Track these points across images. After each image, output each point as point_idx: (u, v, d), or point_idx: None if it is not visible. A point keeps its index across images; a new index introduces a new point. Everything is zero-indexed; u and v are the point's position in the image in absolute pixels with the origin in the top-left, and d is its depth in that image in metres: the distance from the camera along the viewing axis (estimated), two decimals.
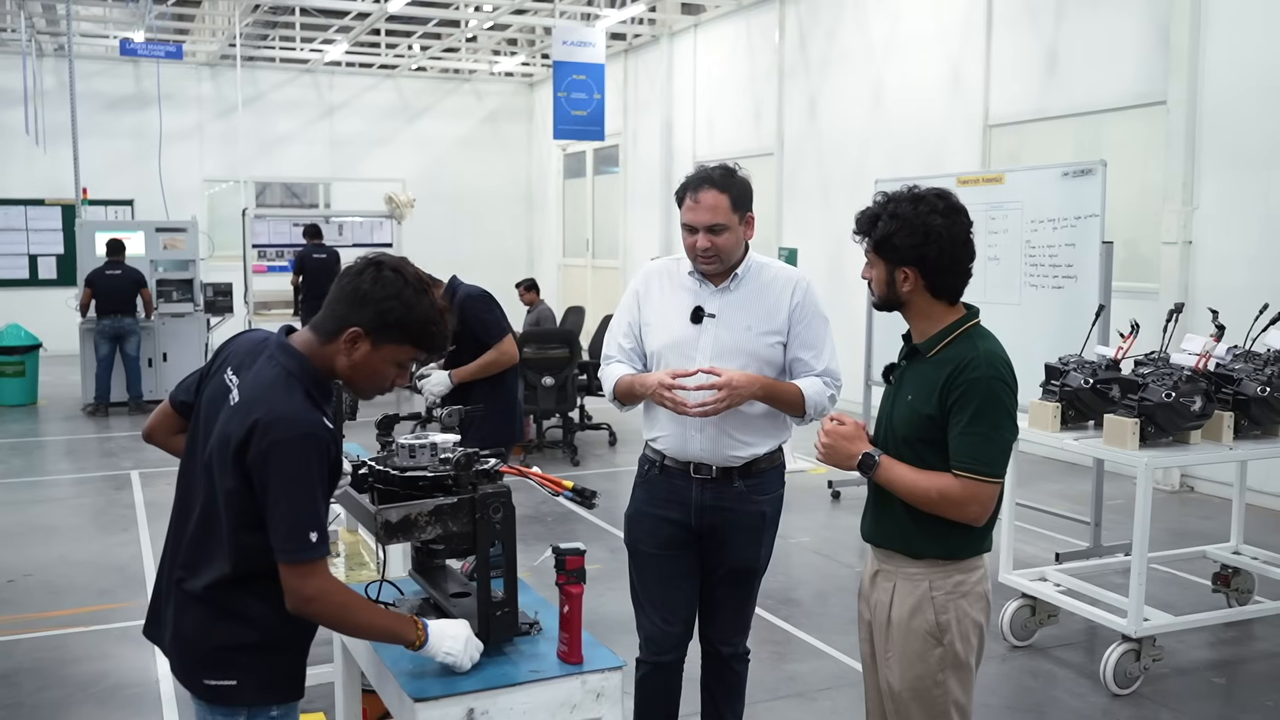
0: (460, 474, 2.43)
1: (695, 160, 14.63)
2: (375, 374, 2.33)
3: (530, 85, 19.36)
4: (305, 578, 2.20)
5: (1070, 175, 6.12)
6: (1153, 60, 8.21)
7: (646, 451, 3.37)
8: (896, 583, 2.65)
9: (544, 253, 19.27)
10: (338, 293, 2.31)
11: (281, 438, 2.17)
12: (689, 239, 3.18)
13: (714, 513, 3.24)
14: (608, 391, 3.32)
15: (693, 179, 3.19)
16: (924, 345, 2.64)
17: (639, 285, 3.35)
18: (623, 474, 8.78)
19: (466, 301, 5.05)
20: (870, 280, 2.68)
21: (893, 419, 2.68)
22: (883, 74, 11.05)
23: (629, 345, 3.33)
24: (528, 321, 10.71)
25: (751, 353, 3.18)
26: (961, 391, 2.50)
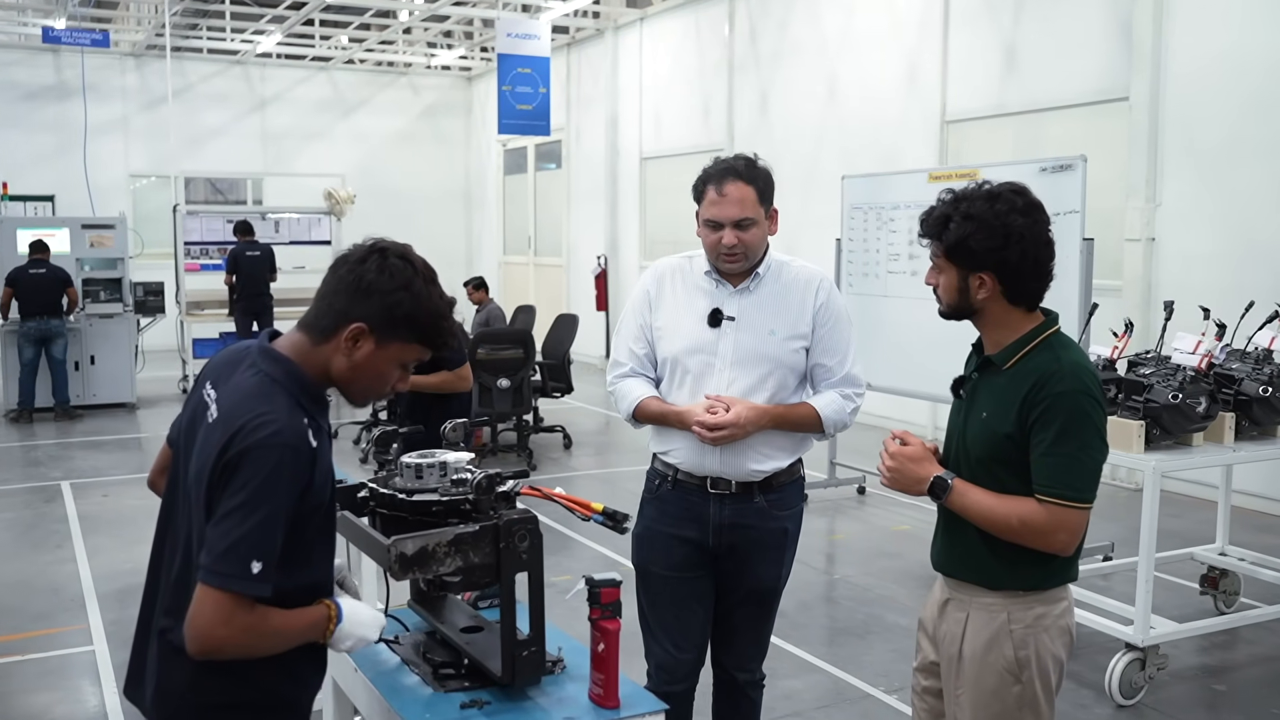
0: (480, 498, 2.16)
1: (641, 156, 14.42)
2: (378, 376, 2.06)
3: (469, 79, 18.98)
4: (227, 616, 1.83)
5: (1049, 171, 5.99)
6: (1115, 56, 8.16)
7: (656, 465, 3.13)
8: (970, 614, 2.43)
9: (484, 250, 18.90)
10: (335, 284, 2.03)
11: (255, 443, 1.88)
12: (711, 236, 2.95)
13: (733, 531, 3.01)
14: (624, 410, 3.07)
15: (714, 170, 2.96)
16: (999, 356, 2.40)
17: (649, 286, 3.12)
18: (579, 479, 8.54)
19: None
20: (936, 287, 2.44)
21: (966, 438, 2.45)
22: (836, 69, 10.91)
23: (641, 351, 3.09)
24: (477, 321, 10.40)
25: (775, 358, 2.96)
26: (1045, 407, 2.28)
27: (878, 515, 7.25)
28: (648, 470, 3.19)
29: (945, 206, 2.39)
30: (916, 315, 6.58)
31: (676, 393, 3.01)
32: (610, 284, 14.88)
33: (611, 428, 11.04)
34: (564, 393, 9.65)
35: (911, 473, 2.43)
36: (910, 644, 5.02)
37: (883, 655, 4.85)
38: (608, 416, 11.63)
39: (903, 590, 5.67)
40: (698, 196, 2.97)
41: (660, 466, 3.11)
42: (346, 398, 2.13)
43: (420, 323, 2.04)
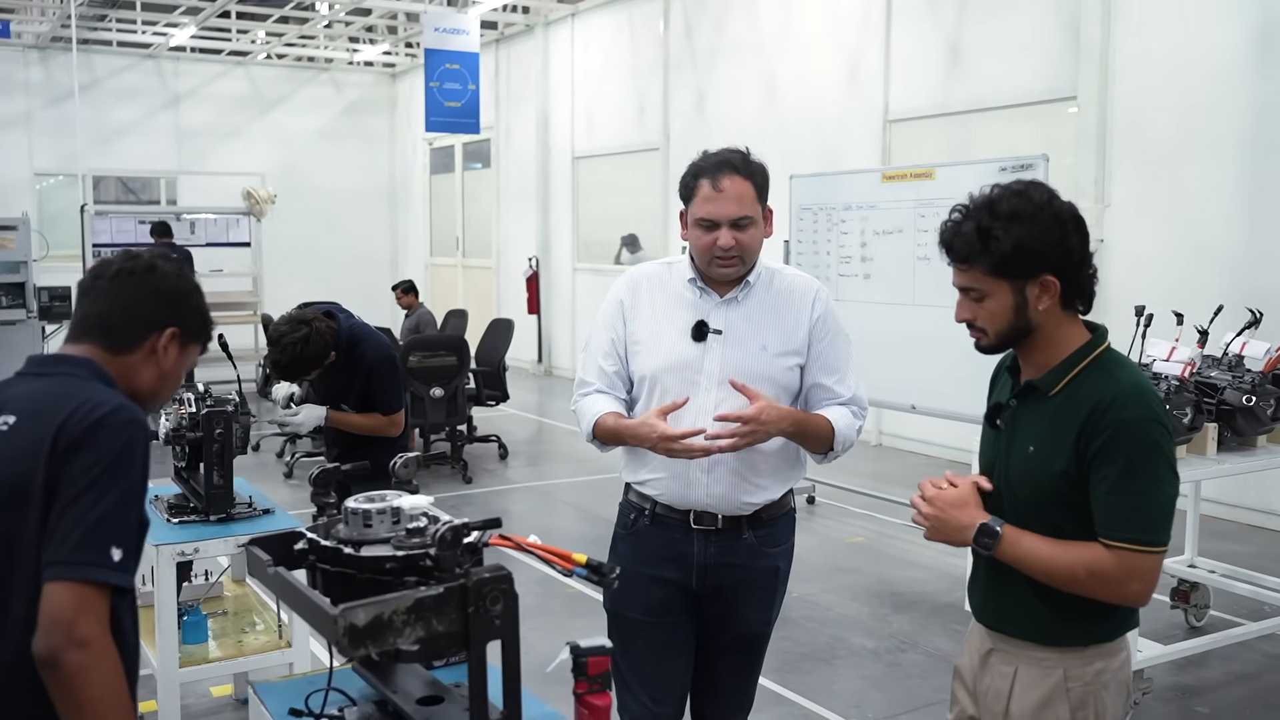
0: (443, 553, 1.81)
1: (574, 155, 14.08)
2: (176, 383, 2.12)
3: (393, 76, 18.44)
4: (84, 607, 1.69)
5: (1009, 170, 5.78)
6: (1062, 55, 8.03)
7: (630, 497, 2.80)
8: (1019, 669, 2.15)
9: (410, 252, 18.37)
10: (132, 293, 2.00)
11: (100, 418, 1.80)
12: (704, 238, 2.61)
13: (719, 571, 2.70)
14: (585, 429, 2.72)
15: (707, 164, 2.64)
16: (1044, 381, 2.12)
17: (623, 295, 2.78)
18: (517, 491, 8.19)
19: (380, 368, 4.26)
20: (974, 320, 2.12)
21: (1009, 476, 2.14)
22: (775, 67, 10.68)
23: (612, 368, 2.74)
24: (406, 327, 9.96)
25: (768, 377, 2.65)
26: (1107, 438, 1.99)
27: (829, 527, 7.01)
28: (620, 503, 2.86)
29: (971, 219, 2.08)
30: (870, 319, 6.35)
31: None
32: (542, 286, 14.51)
33: (545, 436, 10.69)
34: (499, 400, 9.27)
35: (954, 520, 2.12)
36: (877, 669, 4.80)
37: (852, 683, 4.58)
38: (541, 424, 11.27)
39: (865, 609, 5.42)
40: (687, 193, 2.65)
41: (635, 499, 2.77)
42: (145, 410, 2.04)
43: (209, 326, 2.14)
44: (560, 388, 13.64)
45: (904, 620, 5.27)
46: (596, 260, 13.95)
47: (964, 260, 2.10)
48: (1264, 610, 5.17)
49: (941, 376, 6.17)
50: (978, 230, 2.05)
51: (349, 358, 4.19)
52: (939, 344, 6.16)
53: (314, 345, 4.02)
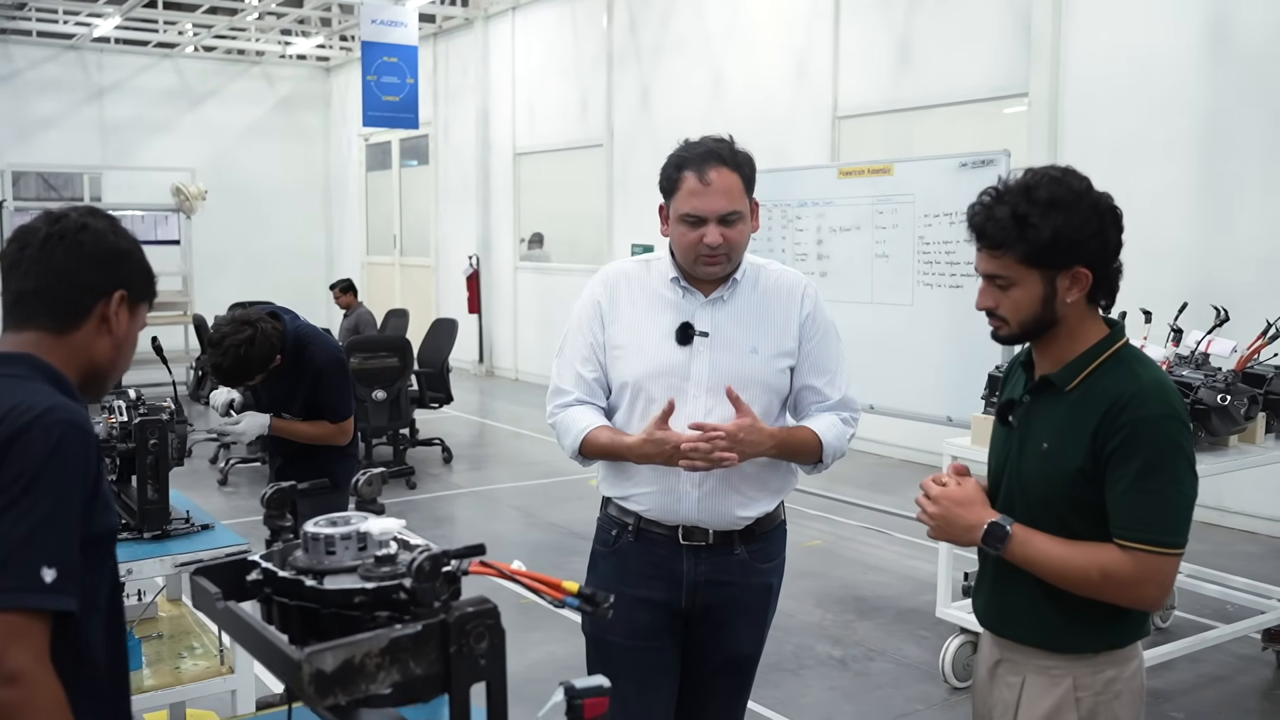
0: (420, 586, 1.60)
1: (515, 152, 13.83)
2: (133, 349, 1.90)
3: (327, 70, 18.01)
4: (12, 637, 1.52)
5: (969, 166, 5.69)
6: (1013, 51, 7.98)
7: (611, 512, 2.61)
8: (1027, 678, 2.05)
9: (346, 250, 17.96)
10: (67, 260, 1.78)
11: (25, 424, 1.60)
12: (689, 234, 2.42)
13: (710, 589, 2.51)
14: (569, 444, 2.51)
15: (691, 154, 2.43)
16: (1060, 376, 2.02)
17: (600, 296, 2.57)
18: (463, 497, 7.95)
19: (328, 371, 4.00)
20: (996, 309, 2.01)
21: (1021, 474, 2.04)
22: (722, 62, 10.55)
23: (591, 374, 2.54)
24: (345, 327, 9.65)
25: (760, 381, 2.48)
26: (1125, 435, 1.90)
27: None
28: (599, 518, 2.66)
29: (1006, 204, 1.96)
30: None
31: (639, 426, 2.47)
32: (483, 285, 14.25)
33: (488, 438, 10.45)
34: (443, 403, 9.01)
35: (961, 519, 2.02)
36: (847, 679, 4.64)
37: (822, 694, 4.43)
38: (483, 425, 11.03)
39: (829, 616, 5.28)
40: (669, 186, 2.45)
41: (617, 514, 2.58)
42: (102, 390, 1.90)
43: (153, 281, 1.92)
44: (502, 388, 13.39)
45: (869, 627, 5.14)
46: (538, 258, 13.71)
47: (997, 246, 1.98)
48: (1226, 609, 5.13)
49: (900, 376, 6.06)
50: (1014, 216, 1.94)
51: (295, 361, 3.94)
52: (898, 343, 6.05)
53: (259, 348, 3.77)
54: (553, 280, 13.33)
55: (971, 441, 4.35)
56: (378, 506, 1.96)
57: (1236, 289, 6.07)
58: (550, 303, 13.31)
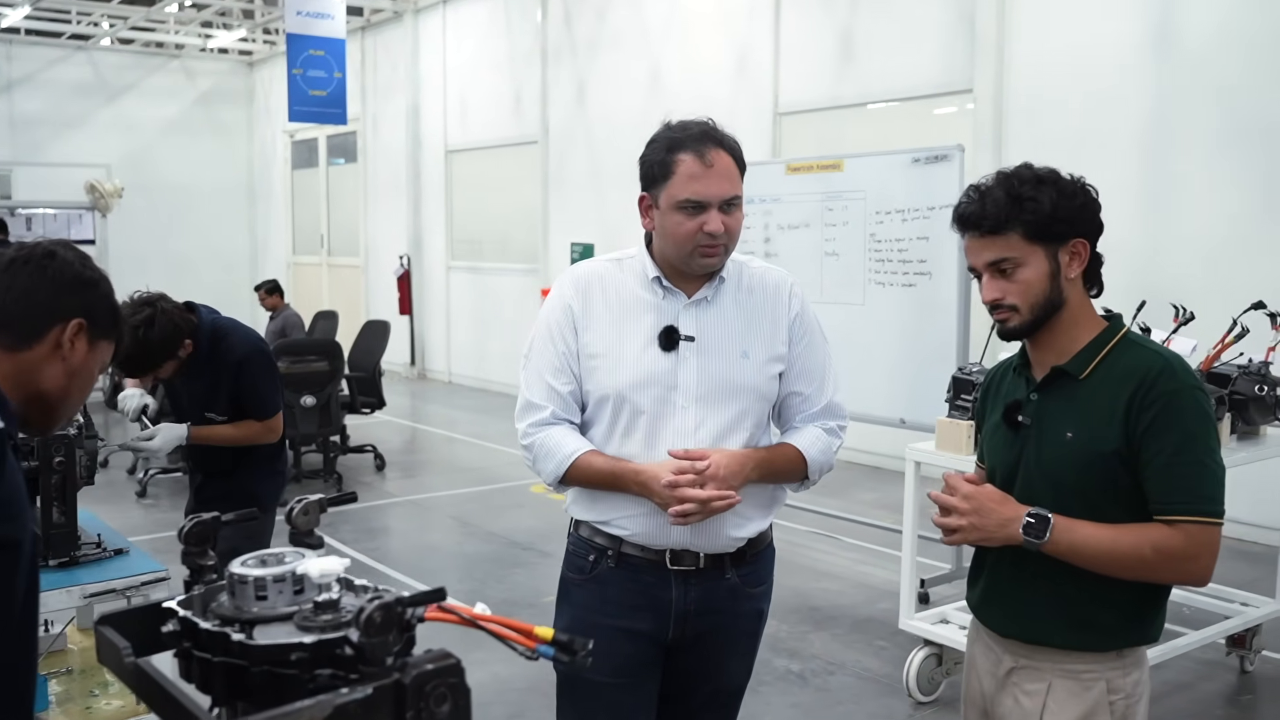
0: (370, 641, 1.36)
1: (447, 149, 13.50)
2: (89, 385, 1.85)
3: (250, 64, 17.48)
4: None
5: (922, 161, 5.56)
6: (957, 47, 7.89)
7: (585, 535, 2.35)
8: (1053, 684, 1.97)
9: (271, 250, 17.46)
10: (29, 281, 1.76)
11: None
12: (688, 223, 2.18)
13: (700, 619, 2.29)
14: (550, 470, 2.25)
15: (687, 135, 2.19)
16: (1074, 365, 1.99)
17: (570, 300, 2.31)
18: (396, 506, 7.65)
19: (250, 361, 3.67)
20: (1004, 298, 1.96)
21: (1044, 467, 1.97)
22: (661, 57, 10.34)
23: (565, 387, 2.29)
24: (271, 330, 9.27)
25: (753, 389, 2.28)
26: (1159, 410, 1.89)
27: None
28: (571, 539, 2.41)
29: (999, 187, 1.95)
30: None
31: (623, 442, 2.25)
32: (414, 286, 13.89)
33: (421, 444, 10.14)
34: (375, 408, 8.68)
35: (995, 514, 1.94)
36: (807, 695, 4.44)
37: (783, 712, 4.24)
38: (416, 430, 10.71)
39: (783, 626, 5.08)
40: (661, 171, 2.19)
41: (592, 538, 2.33)
42: (50, 421, 1.83)
43: (119, 319, 1.89)
44: (435, 392, 13.06)
45: (826, 638, 4.96)
46: (472, 258, 13.39)
47: (998, 227, 1.95)
48: (1182, 613, 5.04)
49: (852, 378, 5.86)
50: (1010, 195, 1.94)
51: (213, 354, 3.59)
52: (849, 343, 5.88)
53: (160, 329, 3.41)
54: (487, 280, 13.03)
55: (937, 446, 4.18)
56: (315, 540, 1.70)
57: (1182, 286, 5.99)
58: (483, 303, 13.01)
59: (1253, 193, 6.39)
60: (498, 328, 12.70)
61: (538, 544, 6.39)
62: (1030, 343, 2.06)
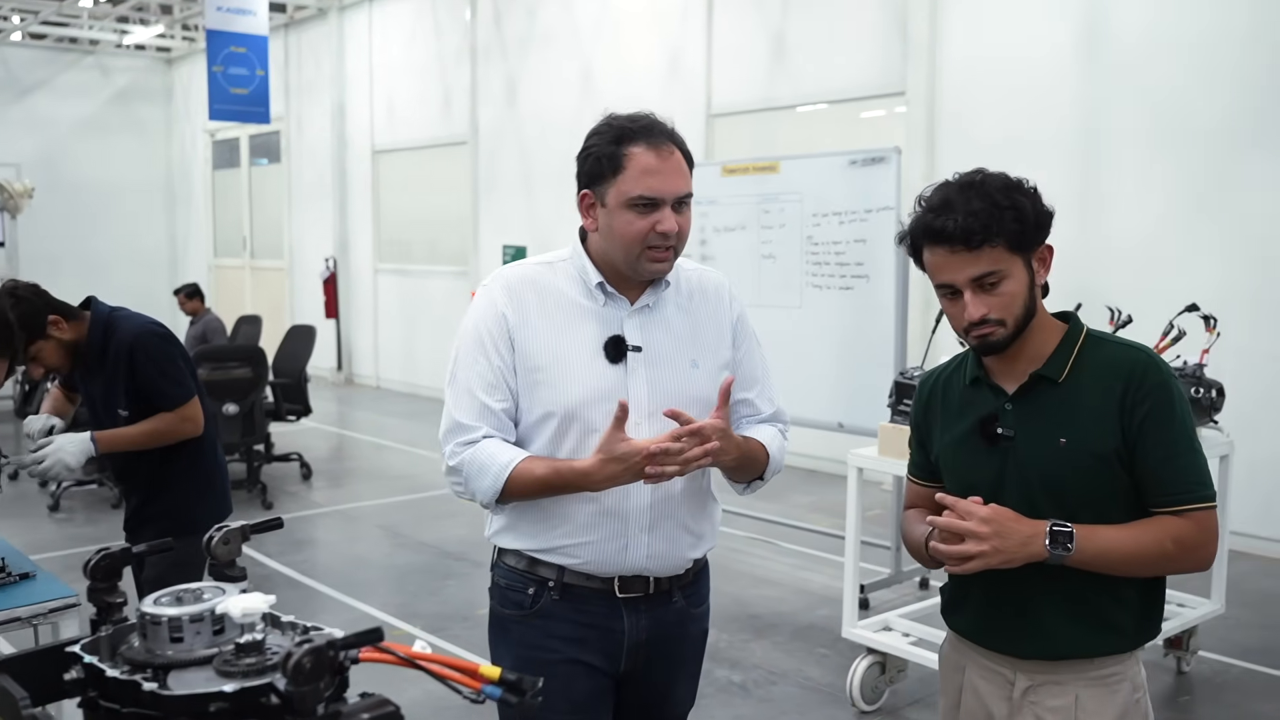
0: (300, 689, 1.23)
1: (374, 149, 13.25)
2: None
3: (168, 61, 17.01)
4: None
5: (859, 163, 5.52)
6: (889, 49, 7.89)
7: (520, 565, 2.13)
8: (1079, 695, 1.92)
9: (191, 252, 17.00)
10: None
11: None
12: (639, 222, 2.00)
13: (651, 647, 2.14)
14: (486, 487, 2.02)
15: (636, 126, 2.03)
16: (1051, 369, 1.94)
17: (504, 307, 2.09)
18: (323, 516, 7.43)
19: (142, 344, 3.30)
20: (989, 313, 1.87)
21: (1046, 479, 1.91)
22: (592, 57, 10.23)
23: (500, 404, 2.07)
24: (191, 335, 8.97)
25: (705, 400, 2.09)
26: (1153, 403, 1.87)
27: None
28: (501, 572, 2.19)
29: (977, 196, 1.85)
30: None
31: None
32: (341, 289, 13.61)
33: (349, 451, 9.89)
34: (301, 415, 8.44)
35: (1017, 532, 1.83)
36: (750, 706, 4.36)
37: None
38: (343, 437, 10.46)
39: (723, 635, 4.99)
40: (610, 166, 2.02)
41: (529, 570, 2.12)
42: None
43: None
44: (363, 397, 12.80)
45: (767, 646, 4.88)
46: (400, 260, 13.14)
47: (986, 240, 1.85)
48: None
49: (789, 381, 5.82)
50: (991, 205, 1.85)
51: (105, 348, 3.30)
52: (786, 347, 5.83)
53: (24, 304, 3.11)
54: (415, 283, 12.80)
55: (879, 452, 4.12)
56: (237, 572, 1.57)
57: (1113, 288, 6.04)
58: (412, 307, 12.78)
59: (1182, 195, 6.46)
60: (427, 331, 12.48)
61: (470, 554, 6.23)
62: (1012, 352, 1.96)
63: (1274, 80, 6.05)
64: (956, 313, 1.91)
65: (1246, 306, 5.97)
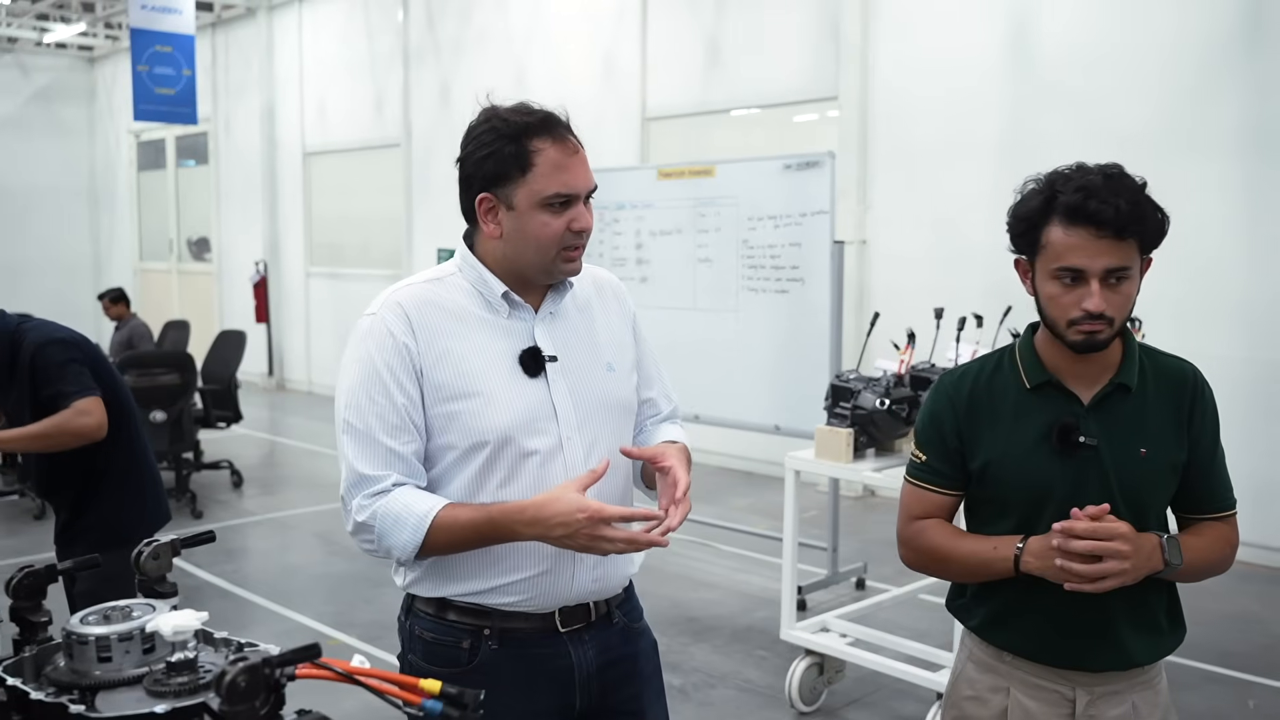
0: (234, 708, 1.20)
1: (305, 151, 13.07)
2: None
3: (91, 60, 16.62)
4: None
5: (794, 168, 5.55)
6: (822, 54, 7.96)
7: (448, 616, 1.93)
8: (1134, 702, 1.96)
9: (116, 256, 16.62)
10: None
11: None
12: (555, 222, 1.87)
13: (604, 674, 1.98)
14: (407, 541, 1.80)
15: (537, 120, 1.88)
16: (1128, 377, 1.94)
17: (403, 337, 1.87)
18: (255, 525, 7.30)
19: (43, 353, 3.22)
20: (1106, 310, 1.84)
21: (1127, 491, 1.90)
22: (526, 60, 10.20)
23: (408, 447, 1.86)
24: (117, 341, 8.76)
25: (624, 404, 2.03)
26: (1204, 411, 1.95)
27: None
28: (426, 625, 1.96)
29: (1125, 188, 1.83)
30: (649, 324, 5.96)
31: (500, 494, 1.88)
32: (272, 293, 13.39)
33: (281, 458, 9.74)
34: (231, 422, 8.29)
35: (1144, 548, 1.83)
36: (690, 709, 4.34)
37: None
38: (275, 444, 10.30)
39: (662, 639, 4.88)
40: (516, 164, 1.86)
41: (460, 620, 1.92)
42: None
43: None
44: (295, 402, 12.61)
45: (706, 650, 4.89)
46: (333, 264, 12.98)
47: (1128, 233, 1.82)
48: None
49: (726, 385, 5.87)
50: (1133, 201, 1.82)
51: (14, 360, 3.22)
52: (723, 350, 5.87)
53: None
54: (347, 287, 12.64)
55: (816, 454, 4.14)
56: (168, 587, 1.53)
57: None
58: (345, 310, 12.61)
59: None
60: None
61: None
62: (1081, 355, 1.91)
63: (1195, 87, 6.21)
64: (1070, 300, 1.83)
65: (1170, 312, 6.10)
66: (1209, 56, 6.17)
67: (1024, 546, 1.88)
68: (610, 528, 1.75)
